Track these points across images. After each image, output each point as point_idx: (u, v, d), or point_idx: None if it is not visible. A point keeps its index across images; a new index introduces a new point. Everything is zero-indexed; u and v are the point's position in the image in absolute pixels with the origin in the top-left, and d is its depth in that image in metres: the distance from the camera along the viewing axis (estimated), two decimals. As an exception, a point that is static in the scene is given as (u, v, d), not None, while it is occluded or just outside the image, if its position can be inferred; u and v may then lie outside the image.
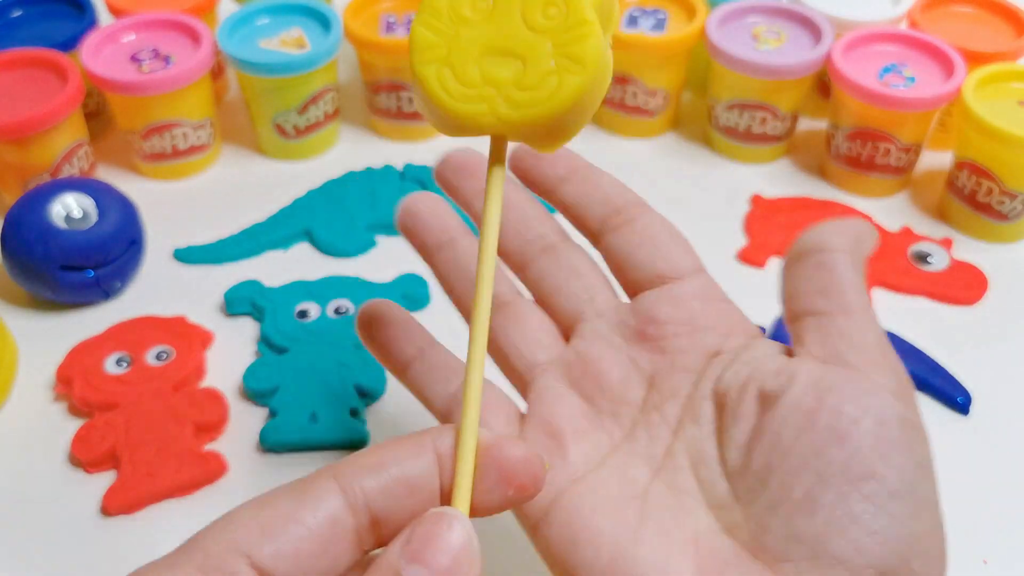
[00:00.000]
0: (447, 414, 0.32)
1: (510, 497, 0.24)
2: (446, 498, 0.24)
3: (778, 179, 0.63)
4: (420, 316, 0.53)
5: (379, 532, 0.23)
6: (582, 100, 0.24)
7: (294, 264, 0.57)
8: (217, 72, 0.69)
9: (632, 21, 0.63)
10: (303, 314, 0.52)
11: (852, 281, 0.29)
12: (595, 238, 0.33)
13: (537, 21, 0.23)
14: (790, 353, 0.29)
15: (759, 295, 0.54)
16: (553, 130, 0.24)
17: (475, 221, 0.32)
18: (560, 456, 0.29)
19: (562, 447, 0.29)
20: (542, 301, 0.33)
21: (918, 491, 0.26)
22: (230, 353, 0.51)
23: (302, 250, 0.58)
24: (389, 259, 0.57)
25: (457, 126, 0.24)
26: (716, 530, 0.27)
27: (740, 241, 0.58)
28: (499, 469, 0.24)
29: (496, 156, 0.25)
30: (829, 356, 0.28)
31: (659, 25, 0.63)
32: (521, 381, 0.32)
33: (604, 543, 0.27)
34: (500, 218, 0.25)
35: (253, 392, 0.49)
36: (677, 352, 0.30)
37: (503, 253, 0.35)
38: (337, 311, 0.52)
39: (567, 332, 0.33)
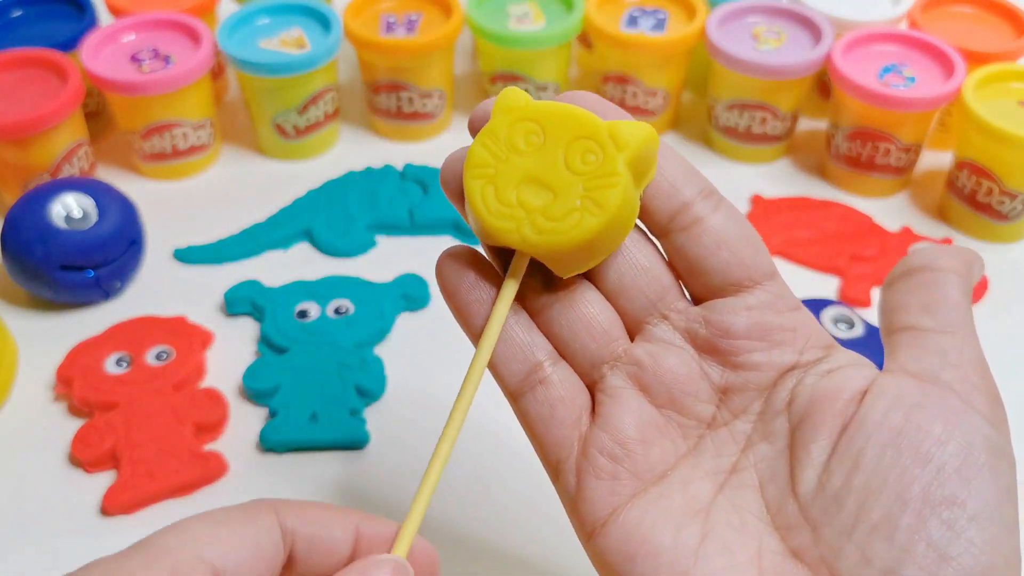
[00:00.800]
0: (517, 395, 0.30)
1: None
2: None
3: (778, 179, 0.63)
4: (420, 316, 0.54)
5: (291, 569, 0.27)
6: (598, 238, 0.27)
7: (294, 264, 0.57)
8: (217, 72, 0.69)
9: (632, 21, 0.63)
10: (303, 314, 0.52)
11: (959, 302, 0.28)
12: (661, 234, 0.29)
13: (576, 164, 0.27)
14: (871, 366, 0.28)
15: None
16: (570, 259, 0.28)
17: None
18: (628, 465, 0.28)
19: (630, 456, 0.28)
20: (607, 296, 0.31)
21: (1000, 519, 0.25)
22: (230, 353, 0.51)
23: (302, 250, 0.58)
24: (389, 259, 0.57)
25: (488, 236, 0.28)
26: (781, 552, 0.26)
27: (740, 241, 0.58)
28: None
29: (515, 270, 0.28)
30: (923, 372, 0.27)
31: (659, 25, 0.63)
32: (586, 373, 0.30)
33: (663, 560, 0.26)
34: (501, 330, 0.28)
35: (253, 392, 0.49)
36: (751, 368, 0.29)
37: None
38: (337, 311, 0.52)
39: (632, 331, 0.30)
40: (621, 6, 0.65)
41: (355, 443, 0.47)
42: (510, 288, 0.29)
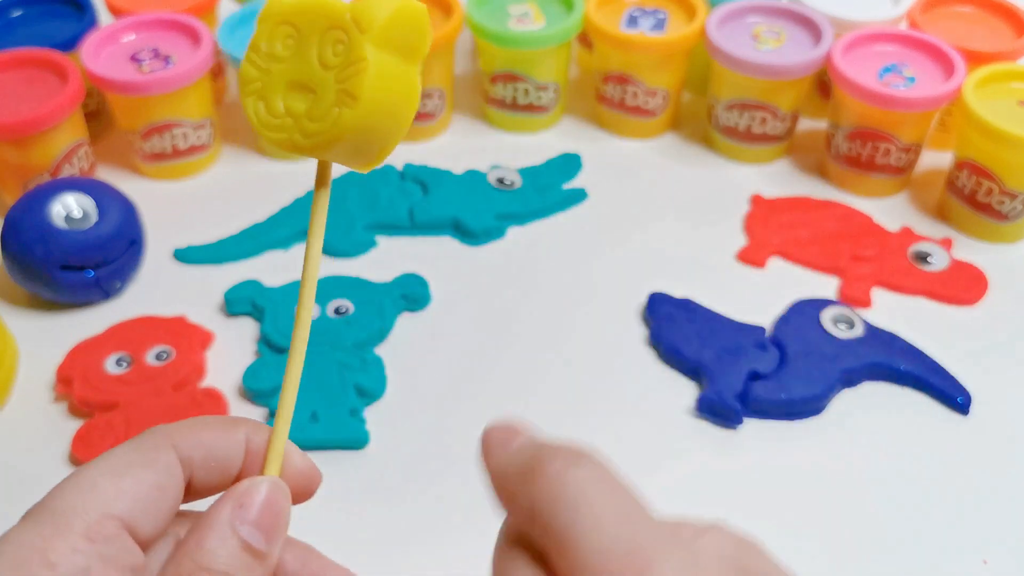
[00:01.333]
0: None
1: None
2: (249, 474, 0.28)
3: (778, 179, 0.63)
4: (420, 316, 0.54)
5: (189, 492, 0.27)
6: (364, 127, 0.26)
7: (294, 264, 0.57)
8: (217, 72, 0.69)
9: (632, 21, 0.63)
10: (303, 314, 0.52)
11: None
12: None
13: (328, 59, 0.26)
14: None
15: (759, 295, 0.55)
16: (352, 154, 0.27)
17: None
18: None
19: None
20: None
21: None
22: (230, 353, 0.51)
23: (302, 250, 0.58)
24: (389, 259, 0.57)
25: (271, 149, 0.28)
26: None
27: (740, 241, 0.58)
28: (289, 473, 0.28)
29: (320, 178, 0.29)
30: None
31: (659, 25, 0.63)
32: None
33: None
34: (324, 235, 0.29)
35: (253, 392, 0.49)
36: None
37: None
38: (337, 311, 0.52)
39: None
40: (621, 6, 0.65)
41: (355, 443, 0.47)
42: (322, 196, 0.29)
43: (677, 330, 0.51)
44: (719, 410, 0.47)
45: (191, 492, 0.27)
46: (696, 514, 0.44)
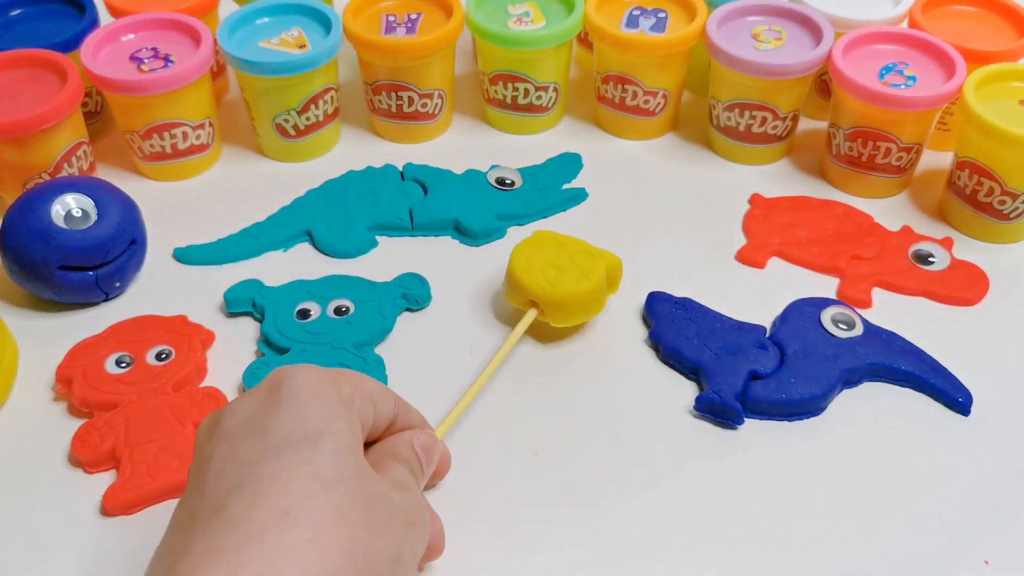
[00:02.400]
0: None
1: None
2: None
3: (778, 179, 0.63)
4: (420, 316, 0.54)
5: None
6: (577, 301, 0.49)
7: (294, 264, 0.57)
8: (217, 72, 0.69)
9: (632, 21, 0.63)
10: (303, 314, 0.52)
11: None
12: None
13: (577, 261, 0.50)
14: None
15: (758, 295, 0.55)
16: (560, 313, 0.50)
17: None
18: None
19: None
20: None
21: None
22: (230, 353, 0.51)
23: (302, 250, 0.58)
24: (389, 259, 0.57)
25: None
26: None
27: (739, 241, 0.58)
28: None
29: (527, 316, 0.50)
30: None
31: (659, 25, 0.63)
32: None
33: None
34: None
35: (253, 392, 0.48)
36: None
37: None
38: (337, 311, 0.52)
39: None
40: (621, 6, 0.65)
41: (355, 443, 0.47)
42: (529, 315, 0.50)
43: (677, 330, 0.51)
44: (719, 410, 0.47)
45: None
46: (696, 514, 0.44)
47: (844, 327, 0.51)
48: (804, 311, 0.52)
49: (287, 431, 0.33)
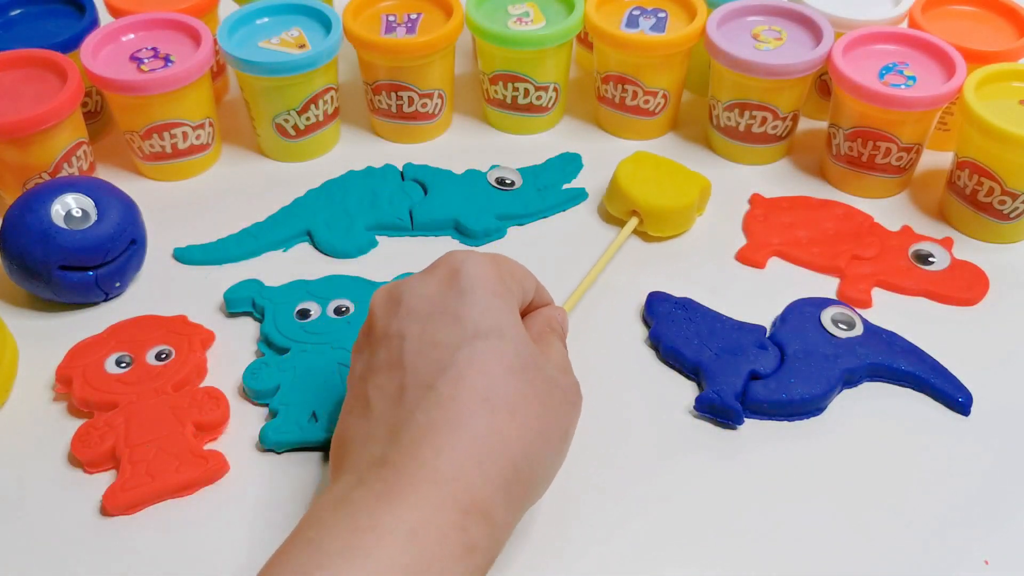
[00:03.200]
0: None
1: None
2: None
3: (778, 179, 0.63)
4: (420, 316, 0.53)
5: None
6: (681, 211, 0.57)
7: (294, 264, 0.57)
8: (217, 72, 0.69)
9: (632, 21, 0.63)
10: (303, 314, 0.52)
11: None
12: None
13: (675, 178, 0.58)
14: None
15: (758, 295, 0.55)
16: (662, 220, 0.57)
17: None
18: None
19: None
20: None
21: None
22: (230, 353, 0.51)
23: (302, 250, 0.58)
24: (389, 259, 0.57)
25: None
26: None
27: (739, 241, 0.58)
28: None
29: (629, 222, 0.57)
30: None
31: (659, 25, 0.63)
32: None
33: None
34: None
35: (253, 392, 0.49)
36: None
37: None
38: (337, 311, 0.52)
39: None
40: (621, 6, 0.65)
41: (355, 443, 0.47)
42: (631, 224, 0.57)
43: (677, 330, 0.51)
44: (719, 410, 0.47)
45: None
46: (696, 514, 0.44)
47: (844, 327, 0.51)
48: (804, 311, 0.52)
49: (477, 323, 0.37)
